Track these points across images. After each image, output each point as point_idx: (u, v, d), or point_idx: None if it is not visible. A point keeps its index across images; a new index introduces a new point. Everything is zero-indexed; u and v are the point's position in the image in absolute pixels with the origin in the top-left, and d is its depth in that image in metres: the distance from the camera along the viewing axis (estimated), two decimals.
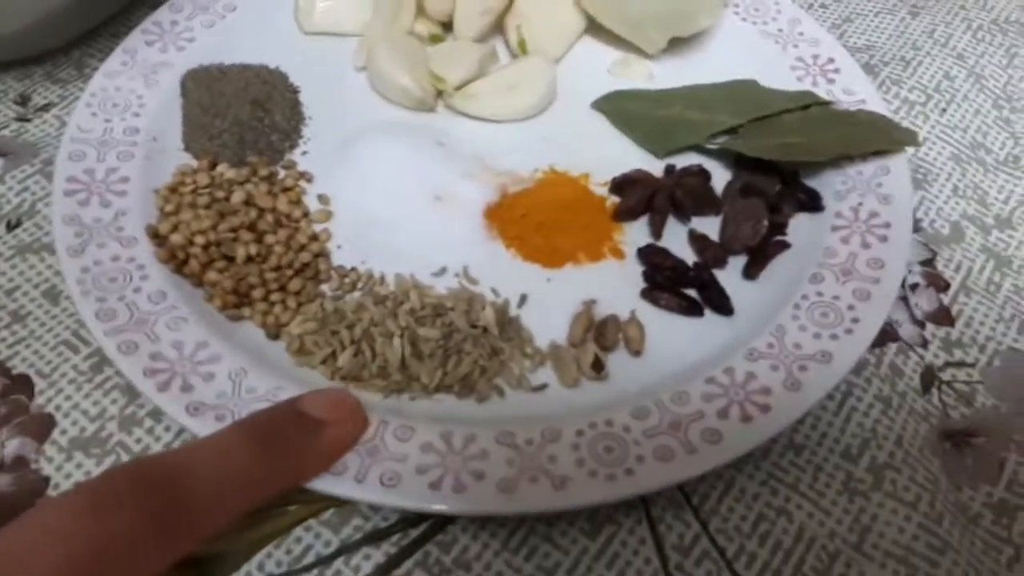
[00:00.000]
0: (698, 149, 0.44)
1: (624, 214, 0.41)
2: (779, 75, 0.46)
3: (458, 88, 0.45)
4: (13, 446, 0.33)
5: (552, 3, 0.49)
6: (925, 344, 0.39)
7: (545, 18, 0.48)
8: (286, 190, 0.41)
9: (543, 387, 0.34)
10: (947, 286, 0.41)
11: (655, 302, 0.37)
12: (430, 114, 0.46)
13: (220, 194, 0.39)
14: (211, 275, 0.36)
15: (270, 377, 0.33)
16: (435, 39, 0.49)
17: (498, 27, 0.49)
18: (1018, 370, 0.38)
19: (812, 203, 0.40)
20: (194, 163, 0.41)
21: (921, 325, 0.40)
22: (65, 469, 0.33)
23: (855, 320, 0.35)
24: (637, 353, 0.35)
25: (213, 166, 0.41)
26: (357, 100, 0.46)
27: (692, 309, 0.37)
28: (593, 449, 0.31)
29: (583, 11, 0.49)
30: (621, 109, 0.46)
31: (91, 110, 0.42)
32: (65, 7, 0.44)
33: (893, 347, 0.39)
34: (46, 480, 0.33)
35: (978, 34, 0.53)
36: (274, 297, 0.37)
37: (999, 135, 0.48)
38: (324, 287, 0.38)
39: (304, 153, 0.44)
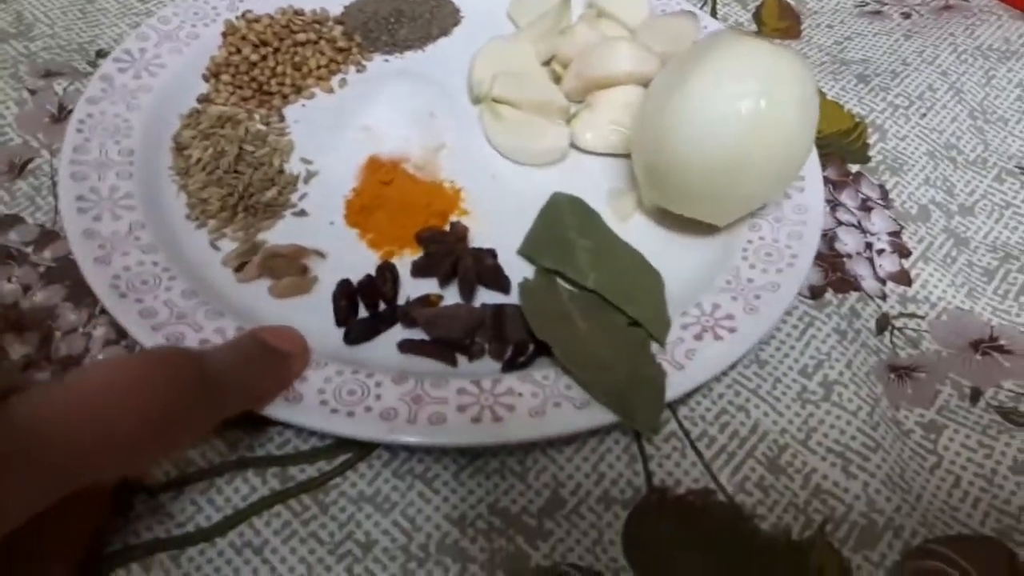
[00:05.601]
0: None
1: (420, 239, 0.43)
2: (687, 297, 0.41)
3: (495, 100, 0.50)
4: None
5: (623, 112, 0.49)
6: (884, 297, 0.45)
7: (606, 118, 0.49)
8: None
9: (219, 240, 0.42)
10: (909, 254, 0.47)
11: (337, 289, 0.40)
12: (474, 106, 0.52)
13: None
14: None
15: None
16: (556, 78, 0.53)
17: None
18: (962, 325, 0.44)
19: (523, 360, 0.38)
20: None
21: (882, 282, 0.46)
22: None
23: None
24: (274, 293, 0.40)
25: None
26: (460, 64, 0.53)
27: (343, 313, 0.39)
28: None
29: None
30: (559, 208, 0.45)
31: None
32: None
33: (855, 295, 0.45)
34: None
35: (962, 56, 0.59)
36: None
37: (971, 140, 0.54)
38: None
39: (386, 60, 0.54)
